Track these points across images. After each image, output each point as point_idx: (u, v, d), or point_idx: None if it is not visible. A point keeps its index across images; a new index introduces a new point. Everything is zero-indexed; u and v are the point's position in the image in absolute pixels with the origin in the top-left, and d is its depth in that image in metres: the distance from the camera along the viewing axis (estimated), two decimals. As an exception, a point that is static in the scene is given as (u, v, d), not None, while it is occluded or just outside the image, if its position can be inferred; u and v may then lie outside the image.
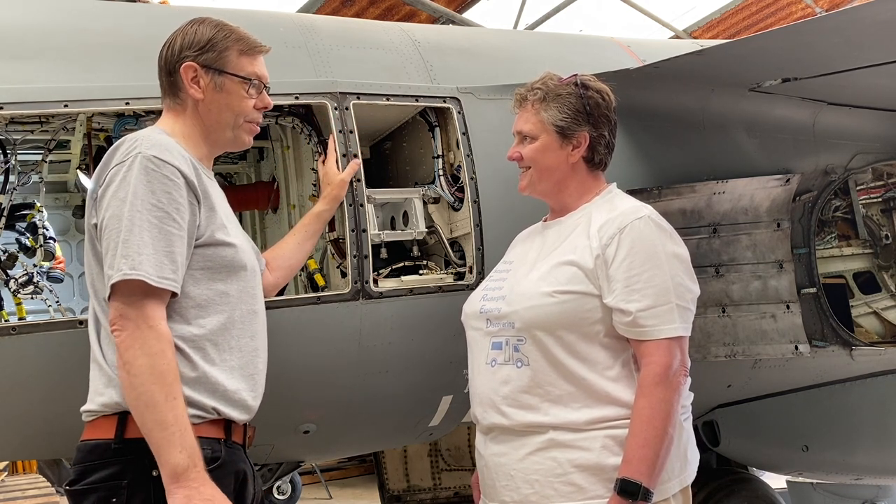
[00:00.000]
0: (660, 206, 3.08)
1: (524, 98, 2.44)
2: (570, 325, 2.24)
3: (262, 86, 2.29)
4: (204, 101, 2.21)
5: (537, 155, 2.40)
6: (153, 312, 1.95)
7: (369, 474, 9.97)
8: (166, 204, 1.99)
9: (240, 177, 3.79)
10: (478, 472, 2.46)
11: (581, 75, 2.45)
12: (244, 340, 2.15)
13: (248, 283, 2.19)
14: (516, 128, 2.46)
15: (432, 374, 3.07)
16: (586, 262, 2.25)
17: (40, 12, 2.73)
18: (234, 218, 2.32)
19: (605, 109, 2.42)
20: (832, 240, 4.06)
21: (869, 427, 4.11)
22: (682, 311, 2.23)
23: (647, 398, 2.16)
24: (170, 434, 1.88)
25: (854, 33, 2.96)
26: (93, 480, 1.97)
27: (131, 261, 1.94)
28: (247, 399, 2.14)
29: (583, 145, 2.39)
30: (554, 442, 2.21)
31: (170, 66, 2.23)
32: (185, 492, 1.88)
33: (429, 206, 3.13)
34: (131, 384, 1.92)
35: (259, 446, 3.02)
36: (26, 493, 9.15)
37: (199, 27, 2.24)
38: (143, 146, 2.03)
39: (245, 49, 2.26)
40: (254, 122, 2.30)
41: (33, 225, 2.74)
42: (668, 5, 11.39)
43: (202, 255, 2.09)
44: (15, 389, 2.52)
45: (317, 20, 3.31)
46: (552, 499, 2.19)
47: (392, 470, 4.77)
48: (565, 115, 2.37)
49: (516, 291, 2.33)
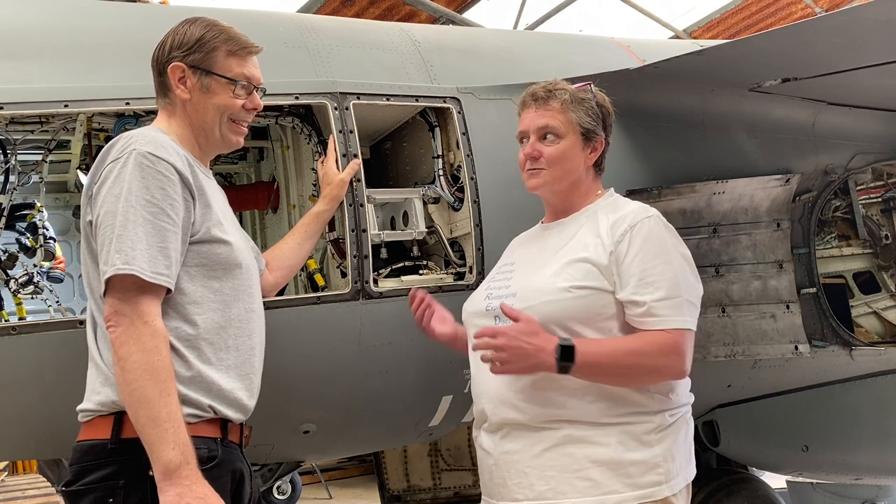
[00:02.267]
0: (660, 206, 3.08)
1: (547, 97, 2.42)
2: (585, 319, 2.26)
3: (252, 87, 2.27)
4: (191, 101, 2.21)
5: (562, 156, 2.39)
6: (148, 308, 1.95)
7: (369, 474, 9.97)
8: (160, 200, 1.99)
9: (240, 177, 3.79)
10: (480, 472, 2.44)
11: (593, 84, 2.49)
12: (241, 339, 2.15)
13: (243, 281, 2.18)
14: (537, 123, 2.41)
15: (432, 374, 3.06)
16: (600, 259, 2.27)
17: (40, 12, 2.73)
18: (231, 216, 2.32)
19: (611, 118, 2.49)
20: (832, 240, 4.06)
21: (869, 427, 4.11)
22: (691, 306, 2.27)
23: (652, 345, 2.20)
24: (162, 430, 1.88)
25: (854, 33, 2.96)
26: (89, 481, 1.97)
27: (125, 255, 1.94)
28: (242, 398, 2.13)
29: (598, 150, 2.44)
30: (570, 438, 2.22)
31: (160, 66, 2.23)
32: (177, 489, 1.87)
33: (429, 206, 3.13)
34: (125, 380, 1.92)
35: (259, 446, 3.03)
36: (26, 493, 9.15)
37: (190, 27, 2.23)
38: (137, 143, 2.03)
39: (234, 49, 2.24)
40: (240, 122, 2.28)
41: (33, 225, 2.74)
42: (668, 5, 11.40)
43: (197, 251, 2.08)
44: (15, 389, 2.52)
45: (317, 20, 3.31)
46: (568, 494, 2.19)
47: (392, 470, 4.77)
48: (591, 119, 2.41)
49: (529, 287, 2.33)
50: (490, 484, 2.38)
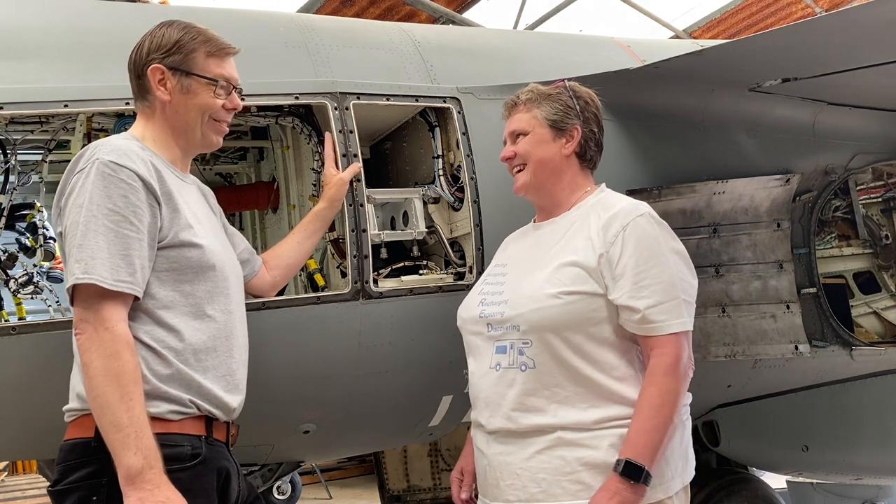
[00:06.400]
0: (660, 206, 3.08)
1: (514, 103, 2.51)
2: (576, 325, 2.25)
3: (231, 87, 2.28)
4: (171, 102, 2.21)
5: (532, 147, 2.44)
6: (110, 315, 1.96)
7: (369, 474, 9.97)
8: (122, 208, 2.00)
9: (240, 177, 3.79)
10: (476, 471, 2.46)
11: (568, 81, 2.52)
12: (218, 341, 2.14)
13: (218, 283, 2.17)
14: (508, 129, 2.51)
15: (432, 374, 3.06)
16: (589, 262, 2.26)
17: (40, 12, 2.73)
18: (209, 219, 2.30)
19: (594, 109, 2.50)
20: (832, 240, 4.06)
21: (869, 427, 4.11)
22: (688, 305, 2.27)
23: (657, 386, 2.18)
24: (124, 436, 1.88)
25: (854, 33, 2.96)
26: (73, 479, 1.98)
27: (84, 265, 1.95)
28: (222, 397, 2.13)
29: (576, 138, 2.44)
30: (561, 440, 2.22)
31: (138, 69, 2.24)
32: (139, 494, 1.87)
33: (429, 206, 3.13)
34: (89, 386, 1.94)
35: (259, 446, 3.03)
36: (26, 493, 9.17)
37: (167, 30, 2.24)
38: (100, 152, 2.04)
39: (213, 51, 2.25)
40: (222, 121, 2.29)
41: (33, 225, 2.74)
42: (668, 5, 11.40)
43: (167, 256, 2.09)
44: (15, 389, 2.52)
45: (317, 20, 3.30)
46: (559, 497, 2.20)
47: (392, 470, 4.77)
48: (557, 110, 2.44)
49: (519, 294, 2.33)
50: (484, 484, 2.39)
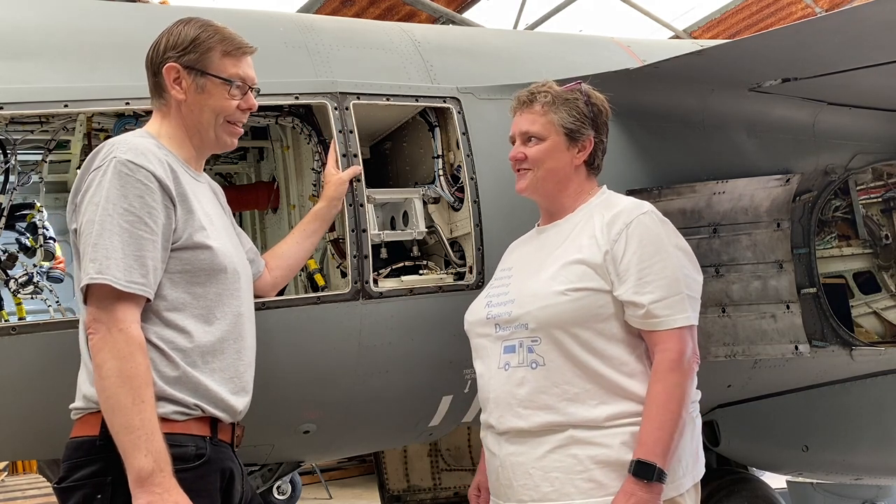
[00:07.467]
0: (660, 206, 3.07)
1: (530, 100, 2.46)
2: (584, 321, 2.26)
3: (247, 87, 2.27)
4: (186, 101, 2.21)
5: (545, 156, 2.42)
6: (124, 316, 1.96)
7: (369, 474, 9.97)
8: (138, 208, 2.00)
9: (240, 177, 3.79)
10: (488, 473, 2.45)
11: (584, 84, 2.49)
12: (227, 343, 2.14)
13: (229, 285, 2.17)
14: (521, 128, 2.46)
15: (432, 374, 3.06)
16: (595, 259, 2.27)
17: (40, 12, 2.73)
18: (221, 219, 2.30)
19: (606, 117, 2.49)
20: (832, 240, 4.06)
21: (869, 427, 4.11)
22: (692, 300, 2.28)
23: (662, 383, 2.19)
24: (135, 437, 1.88)
25: (854, 33, 2.96)
26: (79, 477, 1.98)
27: (99, 265, 1.95)
28: (229, 400, 2.12)
29: (587, 149, 2.43)
30: (573, 439, 2.22)
31: (154, 67, 2.23)
32: (149, 497, 1.87)
33: (429, 206, 3.13)
34: (101, 387, 1.93)
35: (259, 446, 3.03)
36: (26, 493, 9.17)
37: (185, 28, 2.23)
38: (118, 150, 2.03)
39: (229, 50, 2.24)
40: (235, 123, 2.28)
41: (33, 225, 2.74)
42: (668, 5, 11.40)
43: (179, 258, 2.08)
44: (15, 389, 2.52)
45: (317, 20, 3.30)
46: (572, 496, 2.20)
47: (392, 470, 4.77)
48: (574, 119, 2.41)
49: (526, 293, 2.33)
50: (496, 485, 2.39)
